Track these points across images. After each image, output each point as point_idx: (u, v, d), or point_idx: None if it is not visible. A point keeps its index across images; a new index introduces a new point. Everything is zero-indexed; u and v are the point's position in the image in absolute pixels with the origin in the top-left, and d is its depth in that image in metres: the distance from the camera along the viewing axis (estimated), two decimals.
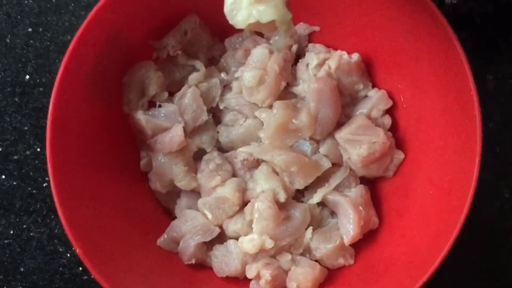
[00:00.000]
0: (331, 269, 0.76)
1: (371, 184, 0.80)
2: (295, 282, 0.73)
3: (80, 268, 0.85)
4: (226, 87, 0.81)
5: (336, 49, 0.80)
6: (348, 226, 0.74)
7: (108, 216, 0.73)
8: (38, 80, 0.88)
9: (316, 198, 0.76)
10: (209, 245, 0.77)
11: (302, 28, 0.81)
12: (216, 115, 0.81)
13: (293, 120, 0.75)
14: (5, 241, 0.86)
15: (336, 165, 0.78)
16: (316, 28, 0.81)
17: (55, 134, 0.69)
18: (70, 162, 0.70)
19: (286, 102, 0.76)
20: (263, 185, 0.75)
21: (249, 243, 0.72)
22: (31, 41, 0.89)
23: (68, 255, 0.86)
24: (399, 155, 0.77)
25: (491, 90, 0.88)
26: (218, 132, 0.80)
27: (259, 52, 0.77)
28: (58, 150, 0.69)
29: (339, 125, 0.78)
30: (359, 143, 0.75)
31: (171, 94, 0.79)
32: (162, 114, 0.77)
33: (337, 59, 0.77)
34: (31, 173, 0.87)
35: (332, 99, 0.76)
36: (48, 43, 0.89)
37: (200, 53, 0.81)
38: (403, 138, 0.78)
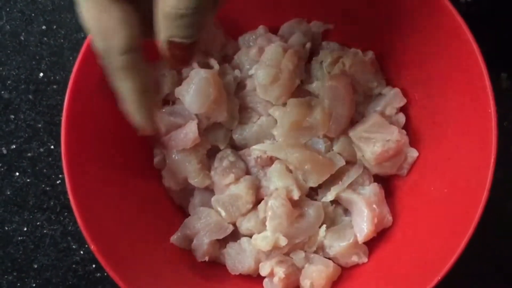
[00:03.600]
0: (345, 267, 0.76)
1: (385, 182, 0.79)
2: (308, 280, 0.73)
3: (94, 265, 0.86)
4: (239, 84, 0.81)
5: (350, 47, 0.80)
6: (362, 224, 0.74)
7: (121, 213, 0.74)
8: (52, 78, 0.89)
9: (329, 196, 0.76)
10: (222, 243, 0.77)
11: (316, 26, 0.81)
12: None
13: (307, 118, 0.75)
14: (19, 238, 0.87)
15: (350, 163, 0.78)
16: (330, 26, 0.81)
17: (70, 132, 0.69)
18: (85, 160, 0.70)
19: (300, 100, 0.76)
20: (276, 183, 0.75)
21: (262, 240, 0.72)
22: (45, 39, 0.89)
23: (82, 252, 0.86)
24: (413, 153, 0.77)
25: (506, 89, 0.87)
26: (231, 130, 0.80)
27: (273, 49, 0.77)
28: (72, 148, 0.69)
29: (353, 123, 0.77)
30: (373, 141, 0.75)
31: None
32: (176, 111, 0.77)
33: (351, 57, 0.77)
34: (44, 170, 0.87)
35: (346, 97, 0.76)
36: (62, 40, 0.89)
37: (214, 50, 0.81)
38: (417, 136, 0.78)
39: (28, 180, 0.87)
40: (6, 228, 0.87)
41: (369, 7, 0.76)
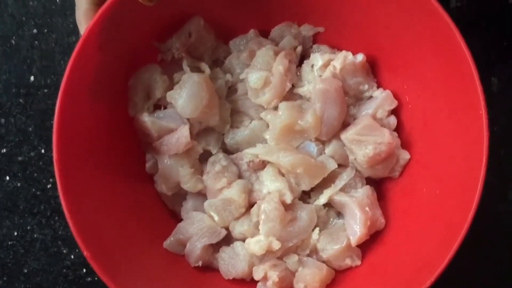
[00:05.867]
0: (338, 270, 0.76)
1: (377, 184, 0.80)
2: (302, 283, 0.73)
3: (84, 270, 0.85)
4: (231, 88, 0.81)
5: (340, 50, 0.80)
6: (355, 227, 0.74)
7: (114, 219, 0.73)
8: (43, 82, 0.88)
9: (322, 199, 0.76)
10: (215, 247, 0.77)
11: (307, 29, 0.81)
12: None
13: (299, 121, 0.75)
14: (9, 243, 0.86)
15: (342, 166, 0.78)
16: (321, 29, 0.81)
17: (61, 136, 0.68)
18: (76, 165, 0.70)
19: (291, 103, 0.76)
20: (269, 186, 0.75)
21: (256, 244, 0.72)
22: (36, 43, 0.89)
23: (72, 256, 0.86)
24: (405, 156, 0.77)
25: (496, 93, 0.88)
26: (223, 134, 0.80)
27: (263, 53, 0.77)
28: (64, 152, 0.68)
29: (344, 125, 0.78)
30: (364, 143, 0.75)
31: None
32: (168, 116, 0.77)
33: (342, 59, 0.77)
34: (35, 175, 0.87)
35: (337, 100, 0.76)
36: (53, 44, 0.89)
37: (205, 55, 0.81)
38: (409, 139, 0.78)
39: (19, 184, 0.87)
40: None
41: (360, 10, 0.76)
